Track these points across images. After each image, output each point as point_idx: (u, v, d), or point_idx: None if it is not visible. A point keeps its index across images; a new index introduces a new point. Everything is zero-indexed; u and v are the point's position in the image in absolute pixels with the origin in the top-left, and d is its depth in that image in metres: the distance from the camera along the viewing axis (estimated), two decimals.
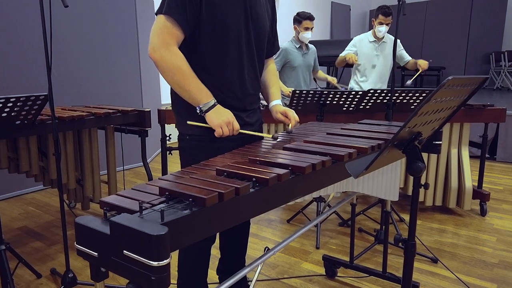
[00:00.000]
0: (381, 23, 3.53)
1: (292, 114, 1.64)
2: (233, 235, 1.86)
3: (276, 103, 1.71)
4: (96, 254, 0.81)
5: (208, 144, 1.53)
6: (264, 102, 2.89)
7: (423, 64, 3.61)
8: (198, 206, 0.85)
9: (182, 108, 1.56)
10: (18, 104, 1.97)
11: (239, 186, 0.91)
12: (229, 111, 1.48)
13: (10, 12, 3.39)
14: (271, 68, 1.80)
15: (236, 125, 1.47)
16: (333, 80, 3.78)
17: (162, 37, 1.39)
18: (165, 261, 0.73)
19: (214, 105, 1.45)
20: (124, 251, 0.76)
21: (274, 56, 3.63)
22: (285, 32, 5.26)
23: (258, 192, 0.97)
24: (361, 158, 1.17)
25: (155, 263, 0.72)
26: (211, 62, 1.49)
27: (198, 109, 1.45)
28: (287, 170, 1.05)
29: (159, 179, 1.07)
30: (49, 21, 1.85)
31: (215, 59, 1.49)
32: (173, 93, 1.59)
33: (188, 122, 1.46)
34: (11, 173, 2.51)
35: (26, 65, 3.50)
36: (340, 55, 3.76)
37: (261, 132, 1.74)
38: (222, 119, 1.43)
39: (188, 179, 0.99)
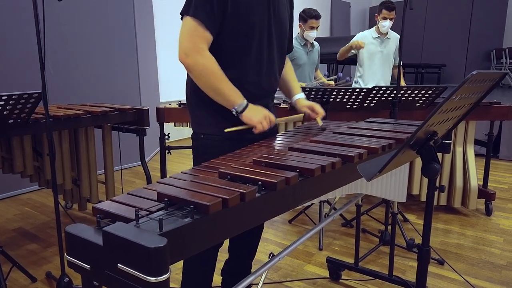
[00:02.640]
0: (384, 18, 3.45)
1: (319, 108, 1.65)
2: (245, 237, 1.79)
3: (300, 97, 1.71)
4: (88, 266, 0.74)
5: (223, 144, 1.50)
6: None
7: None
8: (200, 214, 0.78)
9: (198, 106, 1.54)
10: (10, 102, 1.89)
11: (244, 191, 0.84)
12: (260, 106, 1.48)
13: (3, 7, 3.30)
14: (289, 65, 1.80)
15: (272, 117, 1.49)
16: (330, 83, 3.70)
17: (193, 42, 1.37)
18: (164, 276, 0.66)
19: (247, 105, 1.44)
20: (119, 264, 0.69)
21: None
22: None
23: (264, 196, 0.90)
24: (373, 159, 1.10)
25: (152, 279, 0.65)
26: (232, 61, 1.47)
27: (234, 111, 1.43)
28: (295, 173, 0.98)
29: (157, 182, 0.99)
30: (42, 16, 1.77)
31: (236, 58, 1.47)
32: (189, 90, 1.57)
33: (226, 130, 1.45)
34: (6, 173, 2.44)
35: (21, 61, 3.41)
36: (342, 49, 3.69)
37: (276, 129, 1.74)
38: (260, 115, 1.44)
39: (189, 183, 0.91)
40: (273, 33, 1.52)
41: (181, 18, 1.43)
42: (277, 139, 1.50)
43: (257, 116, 1.43)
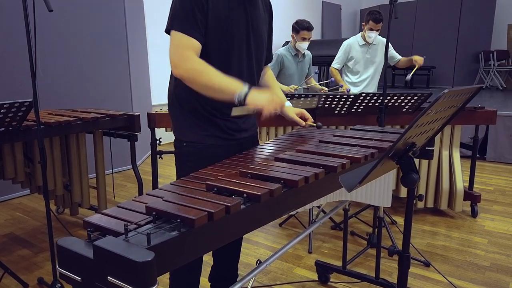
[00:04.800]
0: (371, 29, 3.52)
1: (307, 114, 1.69)
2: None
3: (289, 105, 1.72)
4: (80, 279, 0.77)
5: (206, 152, 1.52)
6: None
7: (419, 59, 3.54)
8: (186, 227, 0.81)
9: (180, 114, 1.56)
10: (1, 111, 1.91)
11: (229, 204, 0.88)
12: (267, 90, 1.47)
13: None
14: (270, 73, 1.84)
15: (282, 98, 1.47)
16: (323, 89, 3.73)
17: (179, 53, 1.40)
18: None
19: (249, 89, 1.37)
20: (109, 277, 0.72)
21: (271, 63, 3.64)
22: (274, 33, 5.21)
23: (249, 208, 0.94)
24: (355, 170, 1.15)
25: None
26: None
27: (237, 100, 1.36)
28: (279, 185, 1.02)
29: (146, 194, 1.03)
30: (33, 25, 1.80)
31: (219, 69, 1.48)
32: (171, 97, 1.59)
33: (232, 114, 1.38)
34: None
35: (12, 66, 3.41)
36: (333, 66, 3.76)
37: (256, 135, 1.77)
38: (266, 97, 1.36)
39: (176, 196, 0.95)
40: (251, 44, 1.55)
41: (169, 33, 1.45)
42: (265, 147, 1.54)
43: (263, 98, 1.35)
